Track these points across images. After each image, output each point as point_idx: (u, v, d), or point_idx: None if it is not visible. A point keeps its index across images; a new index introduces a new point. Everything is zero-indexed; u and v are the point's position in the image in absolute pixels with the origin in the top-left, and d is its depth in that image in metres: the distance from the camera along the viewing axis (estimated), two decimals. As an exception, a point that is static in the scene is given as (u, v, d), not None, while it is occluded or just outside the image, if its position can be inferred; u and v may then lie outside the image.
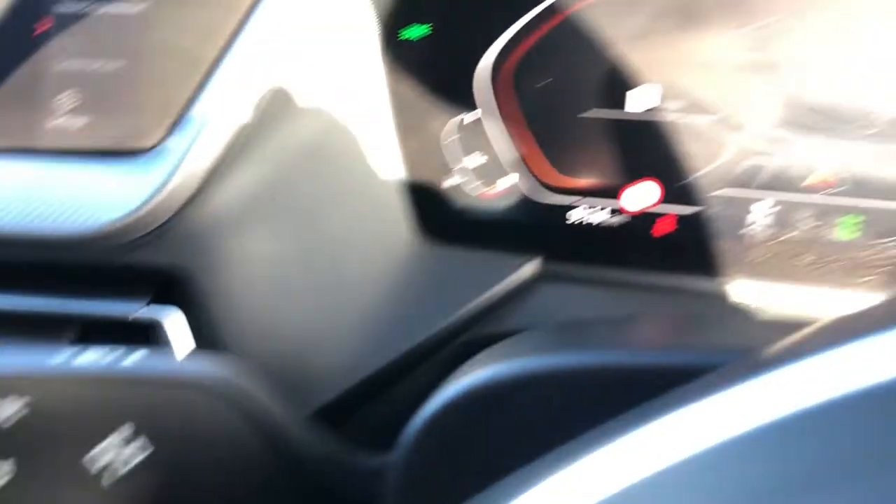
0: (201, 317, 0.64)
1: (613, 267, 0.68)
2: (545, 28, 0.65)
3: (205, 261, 0.63)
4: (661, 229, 0.66)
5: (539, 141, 0.67)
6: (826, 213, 0.63)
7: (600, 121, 0.66)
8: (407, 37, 0.69)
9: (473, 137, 0.68)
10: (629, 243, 0.67)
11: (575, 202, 0.68)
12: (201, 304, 0.63)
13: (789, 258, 0.64)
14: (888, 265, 0.63)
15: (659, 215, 0.66)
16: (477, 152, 0.69)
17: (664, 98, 0.64)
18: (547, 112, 0.67)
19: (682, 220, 0.65)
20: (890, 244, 0.62)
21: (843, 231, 0.63)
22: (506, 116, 0.68)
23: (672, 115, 0.64)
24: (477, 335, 0.67)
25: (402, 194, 0.70)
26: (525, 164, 0.68)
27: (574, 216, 0.68)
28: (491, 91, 0.67)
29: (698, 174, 0.64)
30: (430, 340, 0.66)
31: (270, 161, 0.64)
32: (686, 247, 0.66)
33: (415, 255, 0.69)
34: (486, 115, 0.68)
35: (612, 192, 0.67)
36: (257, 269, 0.65)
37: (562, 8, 0.65)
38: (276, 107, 0.64)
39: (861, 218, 0.62)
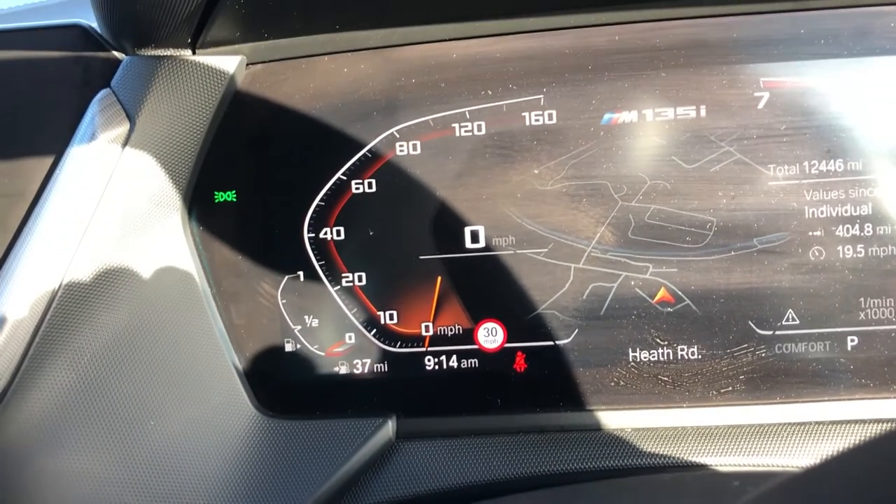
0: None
1: (473, 413, 0.63)
2: (361, 181, 0.62)
3: (8, 491, 0.55)
4: (520, 365, 0.63)
5: (370, 294, 0.63)
6: (674, 329, 0.61)
7: (431, 266, 0.62)
8: (222, 199, 0.64)
9: (305, 299, 0.64)
10: (490, 384, 0.63)
11: (429, 350, 0.63)
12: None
13: (648, 379, 0.62)
14: (745, 373, 0.61)
15: (516, 352, 0.63)
16: (310, 314, 0.64)
17: (492, 237, 0.62)
18: (373, 264, 0.63)
19: (530, 356, 0.62)
20: (742, 351, 0.61)
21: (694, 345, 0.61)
22: (330, 274, 0.64)
23: (503, 253, 0.62)
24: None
25: (235, 370, 0.64)
26: (364, 318, 0.64)
27: (431, 363, 0.64)
28: (310, 251, 0.63)
29: (540, 308, 0.61)
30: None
31: (74, 364, 0.57)
32: (541, 382, 0.62)
33: (258, 437, 0.62)
34: (310, 276, 0.63)
35: (466, 335, 0.63)
36: (73, 492, 0.57)
37: (375, 160, 0.62)
38: (74, 301, 0.57)
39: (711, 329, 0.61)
